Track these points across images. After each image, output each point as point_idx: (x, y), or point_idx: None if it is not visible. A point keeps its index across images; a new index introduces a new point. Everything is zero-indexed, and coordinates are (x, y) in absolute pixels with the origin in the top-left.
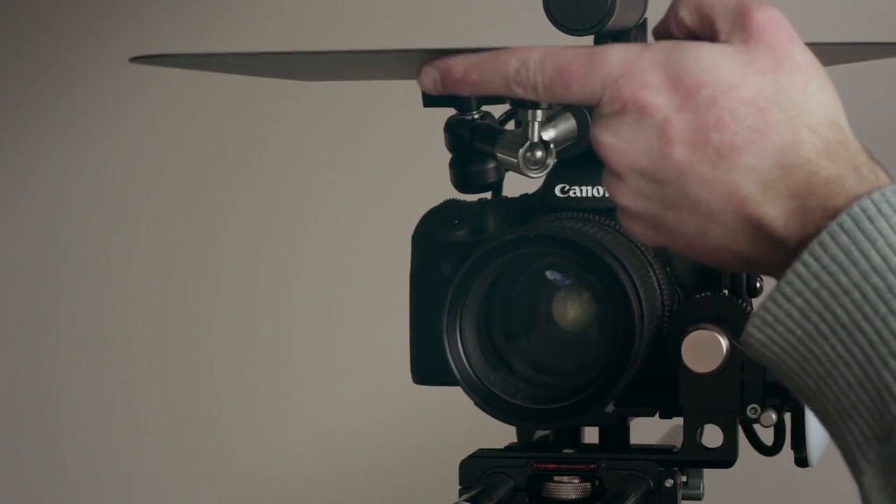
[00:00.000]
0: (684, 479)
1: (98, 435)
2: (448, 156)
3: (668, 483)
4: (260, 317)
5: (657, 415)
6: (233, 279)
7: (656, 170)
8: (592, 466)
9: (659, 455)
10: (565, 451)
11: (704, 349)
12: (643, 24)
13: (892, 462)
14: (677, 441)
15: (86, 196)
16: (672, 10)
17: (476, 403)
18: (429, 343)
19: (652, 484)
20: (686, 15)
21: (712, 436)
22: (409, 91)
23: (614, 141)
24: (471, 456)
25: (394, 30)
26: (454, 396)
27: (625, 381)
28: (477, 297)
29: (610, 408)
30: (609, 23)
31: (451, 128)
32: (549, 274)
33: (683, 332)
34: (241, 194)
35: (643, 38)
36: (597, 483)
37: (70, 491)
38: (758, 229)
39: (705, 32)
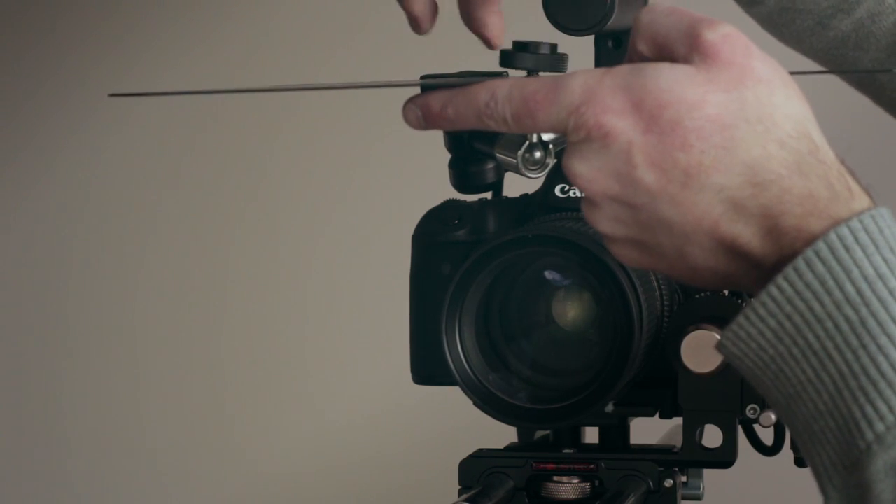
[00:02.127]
0: (684, 479)
1: (103, 434)
2: (448, 156)
3: (668, 483)
4: (259, 317)
5: (657, 415)
6: (232, 279)
7: (627, 195)
8: (592, 466)
9: (658, 455)
10: (565, 451)
11: (704, 349)
12: None
13: (857, 491)
14: (678, 441)
15: (93, 197)
16: (631, 46)
17: (475, 403)
18: (429, 343)
19: (651, 484)
20: (644, 48)
21: (712, 436)
22: (408, 91)
23: (584, 168)
24: (470, 456)
25: (393, 30)
26: (454, 396)
27: (624, 382)
28: (476, 298)
29: (609, 408)
30: (609, 23)
31: None
32: (548, 274)
33: (683, 333)
34: (240, 195)
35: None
36: (596, 483)
37: (76, 490)
38: (734, 249)
39: (665, 60)
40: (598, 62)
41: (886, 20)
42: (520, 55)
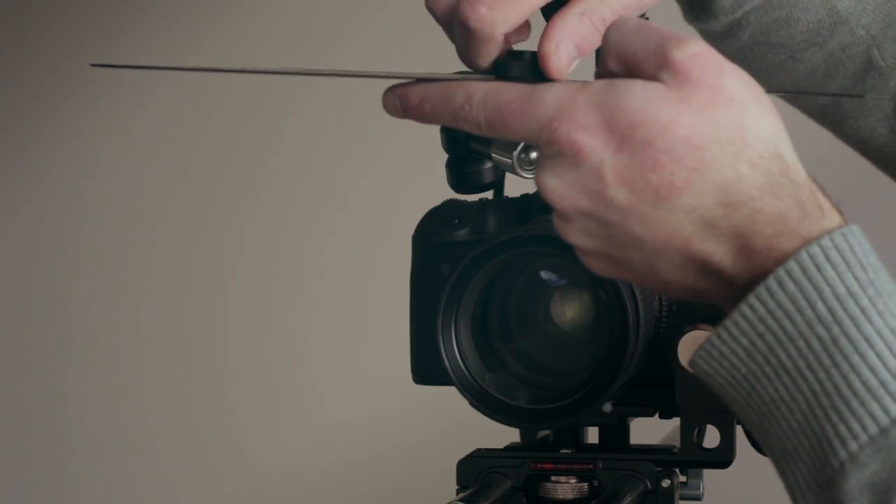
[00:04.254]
0: (683, 479)
1: (106, 434)
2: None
3: (665, 483)
4: (259, 317)
5: (657, 415)
6: (232, 280)
7: (598, 211)
8: (590, 466)
9: (656, 455)
10: (563, 451)
11: None
12: None
13: None
14: (678, 441)
15: (96, 196)
16: (602, 63)
17: (471, 403)
18: (429, 343)
19: (649, 484)
20: (613, 65)
21: (710, 436)
22: None
23: (555, 183)
24: (468, 456)
25: (391, 29)
26: (454, 396)
27: (621, 382)
28: (472, 298)
29: (608, 408)
30: None
31: (447, 128)
32: (545, 274)
33: (681, 332)
34: (241, 194)
35: None
36: (594, 483)
37: (80, 489)
38: (705, 267)
39: (635, 77)
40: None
41: (856, 49)
42: (514, 64)
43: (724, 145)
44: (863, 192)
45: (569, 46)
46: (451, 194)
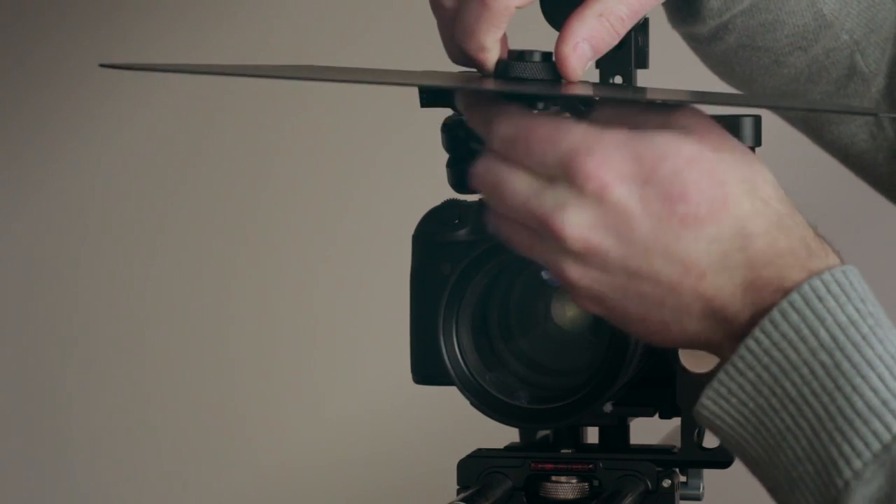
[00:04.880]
0: (683, 479)
1: (108, 433)
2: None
3: (666, 483)
4: (259, 317)
5: (658, 415)
6: (233, 280)
7: (620, 249)
8: (590, 466)
9: (657, 455)
10: (563, 451)
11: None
12: (644, 25)
13: None
14: (678, 441)
15: (97, 193)
16: None
17: (472, 403)
18: (429, 343)
19: (649, 484)
20: None
21: (710, 436)
22: (407, 91)
23: (578, 222)
24: (469, 456)
25: (391, 28)
26: (454, 396)
27: (621, 382)
28: (473, 298)
29: (608, 408)
30: None
31: (447, 128)
32: (545, 274)
33: None
34: (242, 194)
35: (643, 39)
36: (595, 483)
37: (82, 488)
38: (711, 305)
39: None
40: (600, 62)
41: (840, 55)
42: (514, 64)
43: (740, 182)
44: (864, 193)
45: (586, 48)
46: (451, 194)
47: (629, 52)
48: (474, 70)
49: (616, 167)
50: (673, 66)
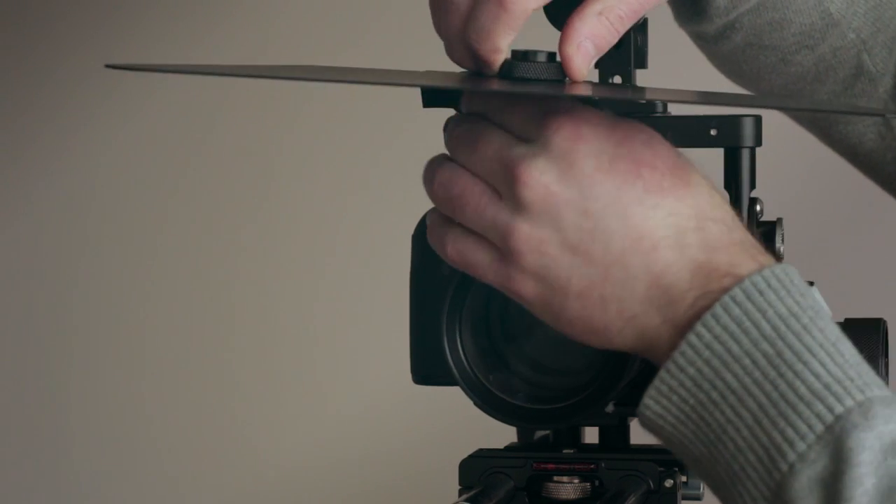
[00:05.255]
0: (684, 479)
1: (108, 433)
2: None
3: (668, 483)
4: (259, 317)
5: None
6: (233, 280)
7: (580, 199)
8: (592, 466)
9: (658, 455)
10: (565, 451)
11: None
12: (643, 25)
13: None
14: None
15: (98, 191)
16: None
17: (475, 403)
18: (428, 343)
19: (652, 484)
20: None
21: None
22: (407, 91)
23: (541, 175)
24: (470, 456)
25: (393, 27)
26: (453, 396)
27: (625, 382)
28: (477, 298)
29: (610, 408)
30: None
31: None
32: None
33: None
34: (242, 193)
35: (642, 39)
36: (597, 483)
37: (82, 489)
38: (657, 281)
39: None
40: (599, 62)
41: (847, 54)
42: (519, 64)
43: (702, 177)
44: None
45: (589, 47)
46: None
47: (628, 51)
48: (475, 70)
49: (591, 128)
50: (672, 67)
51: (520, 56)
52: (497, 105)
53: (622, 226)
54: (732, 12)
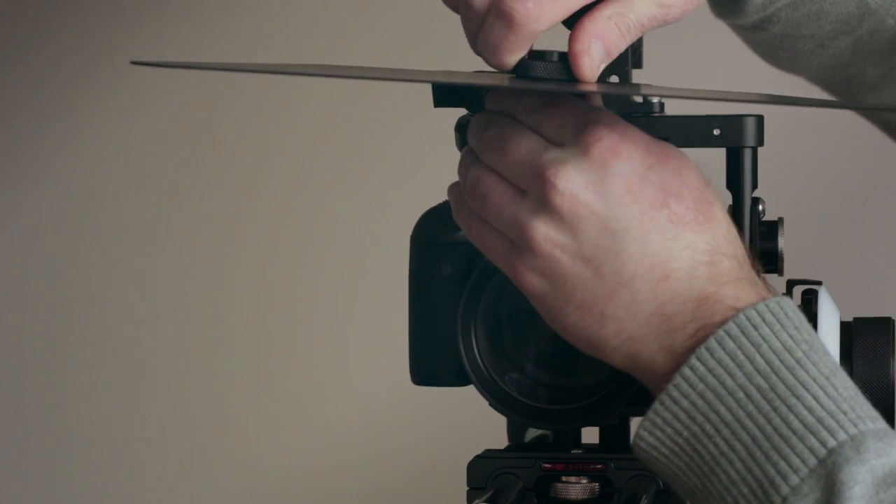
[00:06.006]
0: None
1: (106, 434)
2: (454, 156)
3: None
4: (259, 317)
5: None
6: (233, 280)
7: (606, 214)
8: (601, 467)
9: None
10: (574, 451)
11: None
12: None
13: None
14: None
15: (98, 194)
16: None
17: (491, 404)
18: (428, 344)
19: (661, 483)
20: None
21: None
22: (410, 91)
23: (573, 181)
24: (478, 456)
25: (395, 26)
26: (453, 397)
27: (639, 382)
28: (491, 298)
29: None
30: None
31: (462, 128)
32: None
33: None
34: (241, 194)
35: (638, 39)
36: (604, 484)
37: (80, 489)
38: (660, 310)
39: None
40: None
41: (885, 34)
42: (539, 64)
43: (723, 210)
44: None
45: (599, 47)
46: None
47: (626, 52)
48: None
49: (629, 146)
50: (670, 67)
51: (535, 55)
52: (530, 105)
53: (639, 251)
54: (769, 8)
